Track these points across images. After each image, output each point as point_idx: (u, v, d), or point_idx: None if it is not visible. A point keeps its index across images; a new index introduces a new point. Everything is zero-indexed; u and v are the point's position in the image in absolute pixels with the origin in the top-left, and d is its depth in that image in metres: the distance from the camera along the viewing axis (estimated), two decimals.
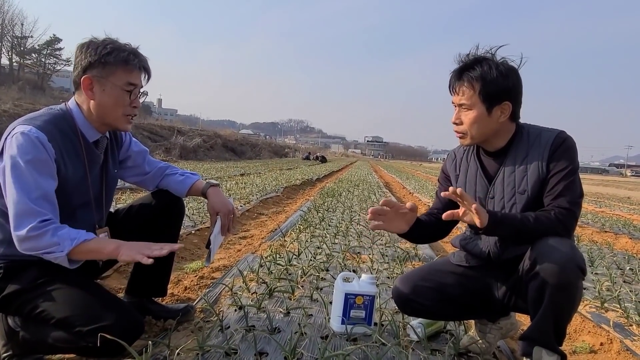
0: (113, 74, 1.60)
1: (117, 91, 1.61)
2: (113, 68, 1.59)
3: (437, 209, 1.87)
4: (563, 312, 1.48)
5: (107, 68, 1.59)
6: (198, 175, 2.04)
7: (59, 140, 1.56)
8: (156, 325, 1.97)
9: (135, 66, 1.63)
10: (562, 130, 1.62)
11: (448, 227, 1.84)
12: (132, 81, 1.63)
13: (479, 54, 1.65)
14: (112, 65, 1.59)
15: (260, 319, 2.07)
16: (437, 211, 1.86)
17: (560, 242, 1.46)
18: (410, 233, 1.70)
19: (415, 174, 26.19)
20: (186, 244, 3.90)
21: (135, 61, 1.62)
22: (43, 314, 1.50)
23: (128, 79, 1.62)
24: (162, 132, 26.45)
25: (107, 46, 1.59)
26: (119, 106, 1.63)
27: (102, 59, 1.57)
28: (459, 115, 1.65)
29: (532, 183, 1.58)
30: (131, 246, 1.52)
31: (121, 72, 1.60)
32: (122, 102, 1.63)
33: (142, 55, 1.68)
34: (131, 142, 1.96)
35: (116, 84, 1.61)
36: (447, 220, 1.55)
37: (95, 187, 1.73)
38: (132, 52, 1.63)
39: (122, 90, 1.62)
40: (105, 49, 1.58)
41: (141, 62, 1.65)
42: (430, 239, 1.94)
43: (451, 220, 1.83)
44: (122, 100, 1.63)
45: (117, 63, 1.59)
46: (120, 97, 1.62)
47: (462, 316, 1.92)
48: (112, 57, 1.58)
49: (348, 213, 5.93)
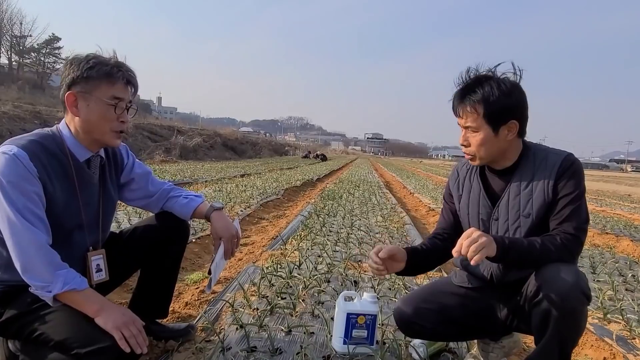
0: (97, 88, 1.57)
1: (101, 105, 1.58)
2: (96, 82, 1.57)
3: (442, 229, 1.86)
4: (568, 339, 1.48)
5: (91, 82, 1.56)
6: (202, 197, 2.02)
7: (45, 159, 1.53)
8: (157, 347, 1.96)
9: (119, 79, 1.60)
10: (570, 153, 1.61)
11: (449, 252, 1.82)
12: (117, 95, 1.60)
13: (479, 73, 1.63)
14: (95, 79, 1.56)
15: (261, 338, 2.06)
16: (442, 231, 1.85)
17: (565, 269, 1.45)
18: (407, 269, 1.70)
19: (415, 171, 26.18)
20: (187, 253, 3.86)
21: (119, 74, 1.59)
22: (41, 337, 1.49)
23: (112, 93, 1.59)
24: (162, 131, 26.40)
25: (89, 61, 1.57)
26: (105, 121, 1.60)
27: (85, 74, 1.55)
28: (466, 137, 1.63)
29: (537, 207, 1.57)
30: (112, 315, 1.49)
31: (105, 86, 1.58)
32: (107, 116, 1.60)
33: (127, 67, 1.64)
34: (134, 164, 1.94)
35: (100, 98, 1.58)
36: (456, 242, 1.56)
37: (91, 209, 1.71)
38: (116, 65, 1.60)
39: (106, 105, 1.59)
40: (87, 64, 1.56)
41: (125, 75, 1.62)
42: (436, 264, 1.87)
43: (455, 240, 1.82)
44: (108, 114, 1.60)
45: (100, 77, 1.56)
46: (106, 111, 1.59)
47: (465, 337, 1.92)
48: (94, 71, 1.56)
49: (349, 218, 5.92)
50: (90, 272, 1.73)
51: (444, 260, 1.83)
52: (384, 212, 6.76)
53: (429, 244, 1.81)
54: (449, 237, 1.83)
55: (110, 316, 1.48)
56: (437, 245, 1.80)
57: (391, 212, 6.85)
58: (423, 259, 1.75)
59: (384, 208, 7.24)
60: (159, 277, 1.99)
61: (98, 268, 1.76)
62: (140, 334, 1.49)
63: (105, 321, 1.46)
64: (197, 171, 13.43)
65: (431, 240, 1.84)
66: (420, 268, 1.83)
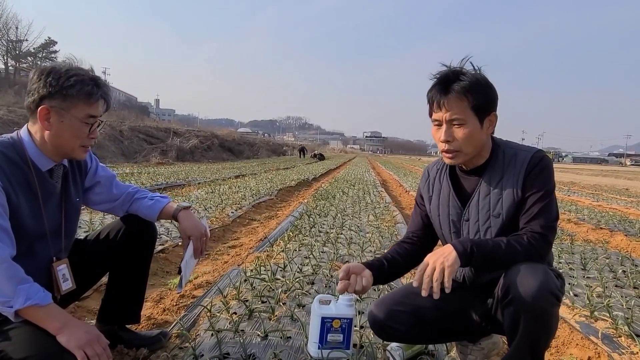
0: (74, 107, 1.54)
1: (76, 123, 1.56)
2: (75, 101, 1.54)
3: (412, 232, 1.83)
4: (539, 341, 1.43)
5: (68, 100, 1.53)
6: (168, 198, 1.99)
7: (6, 168, 1.50)
8: (128, 355, 1.91)
9: (97, 99, 1.58)
10: (539, 150, 1.56)
11: (423, 251, 1.77)
12: (92, 113, 1.58)
13: (455, 67, 1.58)
14: (74, 98, 1.53)
15: (236, 344, 2.01)
16: (412, 234, 1.82)
17: (533, 269, 1.40)
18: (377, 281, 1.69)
19: (413, 169, 26.14)
20: (172, 256, 3.85)
21: (98, 94, 1.58)
22: (1, 354, 1.45)
23: (88, 112, 1.57)
24: (159, 134, 26.36)
25: (70, 78, 1.53)
26: (76, 138, 1.59)
27: (64, 91, 1.52)
28: (450, 132, 1.54)
29: (507, 206, 1.52)
30: (76, 333, 1.44)
31: (83, 105, 1.55)
32: (80, 134, 1.58)
33: (103, 82, 1.62)
34: (97, 168, 1.90)
35: (76, 116, 1.55)
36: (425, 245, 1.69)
37: (54, 218, 1.68)
38: (95, 84, 1.58)
39: (81, 123, 1.57)
40: (68, 81, 1.52)
41: (102, 92, 1.60)
42: (405, 271, 1.82)
43: (426, 244, 1.78)
44: (81, 132, 1.58)
45: (79, 96, 1.54)
46: (79, 129, 1.57)
47: (441, 339, 1.87)
48: (74, 90, 1.53)
49: (340, 217, 5.87)
50: (57, 282, 1.69)
51: (413, 265, 1.78)
52: (377, 211, 6.71)
53: (395, 253, 1.77)
54: (418, 241, 1.80)
55: (73, 334, 1.43)
56: (405, 251, 1.77)
57: (384, 211, 6.81)
58: (389, 273, 1.73)
59: (377, 207, 7.19)
60: (127, 282, 1.95)
61: (64, 277, 1.72)
62: (104, 353, 1.46)
63: (67, 339, 1.42)
64: (191, 173, 13.39)
65: (400, 246, 1.80)
66: (388, 279, 1.80)
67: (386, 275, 1.73)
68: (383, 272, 1.70)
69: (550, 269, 1.48)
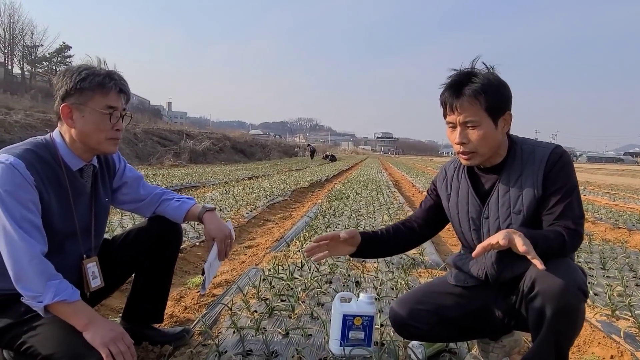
0: (91, 99, 1.58)
1: (96, 116, 1.59)
2: (90, 93, 1.57)
3: (416, 218, 1.88)
4: (564, 336, 1.42)
5: (84, 94, 1.57)
6: (194, 200, 2.02)
7: (39, 168, 1.54)
8: (153, 352, 1.94)
9: (112, 88, 1.61)
10: (557, 145, 1.56)
11: (420, 238, 1.87)
12: (111, 104, 1.61)
13: (467, 68, 1.58)
14: (89, 90, 1.57)
15: (258, 341, 2.03)
16: (414, 219, 1.88)
17: (560, 264, 1.40)
18: (360, 252, 1.75)
19: (425, 170, 26.01)
20: (190, 256, 3.89)
21: (111, 83, 1.60)
22: (30, 349, 1.49)
23: (106, 102, 1.60)
24: (172, 136, 26.61)
25: (81, 72, 1.57)
26: (100, 131, 1.62)
27: (78, 85, 1.56)
28: (465, 134, 1.55)
29: (527, 203, 1.52)
30: (101, 331, 1.47)
31: (98, 96, 1.59)
32: (103, 126, 1.61)
33: (118, 75, 1.65)
34: (125, 169, 1.94)
35: (95, 109, 1.59)
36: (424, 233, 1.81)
37: (84, 216, 1.72)
38: (108, 74, 1.61)
39: (101, 114, 1.60)
40: (79, 75, 1.56)
41: (117, 83, 1.63)
42: (393, 252, 1.94)
43: (425, 232, 1.88)
44: (103, 124, 1.61)
45: (93, 88, 1.57)
46: (101, 121, 1.61)
47: (462, 337, 1.87)
48: (87, 82, 1.56)
49: (355, 218, 5.89)
50: (87, 279, 1.73)
51: (403, 248, 1.90)
52: (391, 211, 6.70)
53: (391, 230, 1.83)
54: (417, 227, 1.85)
55: (98, 332, 1.47)
56: (399, 232, 1.83)
57: (398, 211, 6.80)
58: (375, 246, 1.80)
59: (391, 207, 7.18)
60: (153, 282, 1.98)
61: (94, 275, 1.76)
62: (128, 351, 1.48)
63: (93, 337, 1.45)
64: (205, 174, 13.49)
65: (396, 226, 1.85)
66: (372, 254, 1.90)
67: (373, 245, 1.78)
68: (371, 240, 1.77)
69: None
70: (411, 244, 1.89)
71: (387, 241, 1.80)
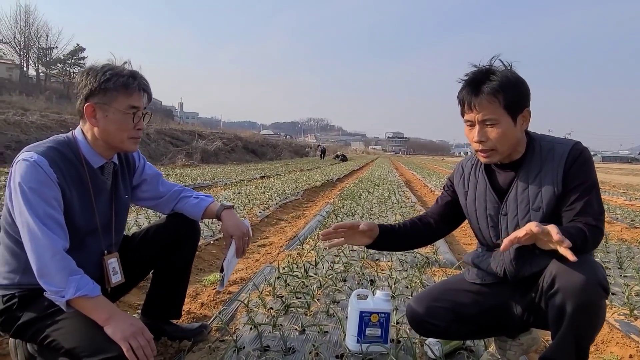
0: (115, 100, 1.61)
1: (119, 115, 1.62)
2: (114, 94, 1.60)
3: (431, 213, 1.89)
4: (585, 333, 1.41)
5: (108, 94, 1.60)
6: (212, 197, 2.04)
7: (62, 165, 1.57)
8: (171, 347, 1.97)
9: (135, 89, 1.63)
10: (578, 142, 1.55)
11: (437, 234, 1.88)
12: (134, 104, 1.64)
13: (485, 66, 1.58)
14: (113, 90, 1.59)
15: (275, 337, 2.05)
16: (431, 215, 1.88)
17: (582, 259, 1.39)
18: (376, 244, 1.76)
19: (437, 169, 25.88)
20: (205, 254, 3.93)
21: (134, 84, 1.63)
22: (53, 343, 1.52)
23: (129, 103, 1.63)
24: (184, 136, 26.82)
25: (106, 72, 1.60)
26: (123, 130, 1.64)
27: (102, 86, 1.58)
28: (483, 131, 1.55)
29: (547, 200, 1.52)
30: (121, 325, 1.49)
31: (122, 97, 1.61)
32: (125, 125, 1.64)
33: (141, 75, 1.68)
34: (145, 166, 1.97)
35: (118, 109, 1.61)
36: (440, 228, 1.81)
37: (105, 213, 1.75)
38: (131, 75, 1.63)
39: (124, 114, 1.63)
40: (104, 76, 1.59)
41: (140, 84, 1.65)
42: (408, 246, 1.97)
43: (442, 228, 1.87)
44: (126, 124, 1.64)
45: (117, 88, 1.60)
46: (124, 121, 1.63)
47: (480, 335, 1.87)
48: (111, 83, 1.59)
49: (367, 217, 5.88)
50: (108, 274, 1.76)
51: (418, 243, 1.93)
52: (404, 210, 6.69)
53: (408, 225, 1.85)
54: (434, 222, 1.85)
55: (119, 326, 1.49)
56: (416, 227, 1.84)
57: (410, 210, 6.78)
58: (392, 239, 1.81)
59: (404, 206, 7.16)
60: (172, 278, 2.01)
61: (114, 271, 1.79)
62: (148, 345, 1.50)
63: (113, 331, 1.48)
64: (217, 174, 13.57)
65: (413, 221, 1.86)
66: (388, 247, 1.91)
67: (390, 237, 1.80)
68: (389, 233, 1.78)
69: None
70: (427, 239, 1.90)
71: (404, 235, 1.82)
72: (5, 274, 1.61)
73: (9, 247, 1.60)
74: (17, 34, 42.89)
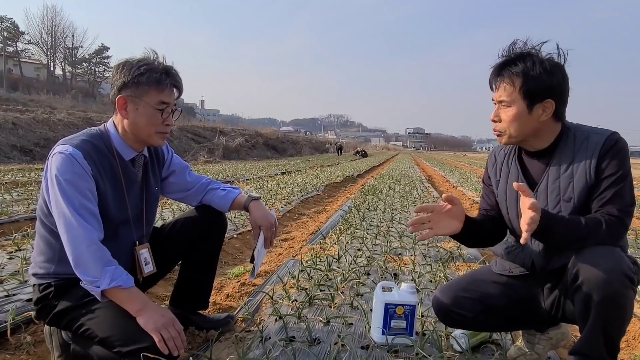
0: (146, 94, 1.64)
1: (149, 110, 1.65)
2: (146, 88, 1.63)
3: (485, 209, 1.83)
4: (612, 325, 1.37)
5: (140, 88, 1.63)
6: (239, 189, 2.07)
7: (96, 158, 1.62)
8: (199, 336, 2.01)
9: (167, 85, 1.66)
10: (614, 132, 1.51)
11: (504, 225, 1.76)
12: (164, 100, 1.67)
13: (523, 50, 1.56)
14: (145, 85, 1.63)
15: (300, 328, 2.07)
16: (485, 211, 1.82)
17: (604, 251, 1.36)
18: (465, 231, 1.62)
19: (459, 165, 25.57)
20: (229, 248, 3.98)
21: (167, 81, 1.66)
22: (87, 332, 1.57)
23: (160, 98, 1.66)
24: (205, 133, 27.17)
25: (140, 67, 1.63)
26: (151, 124, 1.68)
27: (136, 79, 1.62)
28: (498, 112, 1.58)
29: (578, 190, 1.49)
30: (153, 316, 1.52)
31: (154, 92, 1.64)
32: (154, 120, 1.67)
33: (174, 71, 1.70)
34: (172, 158, 2.01)
35: (149, 103, 1.65)
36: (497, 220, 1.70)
37: (136, 204, 1.79)
38: (165, 72, 1.66)
39: (154, 109, 1.66)
40: (138, 70, 1.62)
41: (173, 80, 1.68)
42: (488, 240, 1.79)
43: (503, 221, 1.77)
44: (155, 118, 1.67)
45: (149, 83, 1.63)
46: (153, 115, 1.66)
47: (507, 327, 1.85)
48: (145, 77, 1.62)
49: (389, 212, 5.86)
50: (140, 265, 1.80)
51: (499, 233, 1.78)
52: None
53: (480, 217, 1.78)
54: (496, 215, 1.77)
55: (151, 317, 1.52)
56: (486, 219, 1.77)
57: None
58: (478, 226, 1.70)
59: (426, 202, 7.11)
60: (199, 269, 2.04)
61: (146, 261, 1.83)
62: (178, 336, 1.53)
63: (145, 322, 1.51)
64: (239, 170, 13.71)
65: (480, 215, 1.81)
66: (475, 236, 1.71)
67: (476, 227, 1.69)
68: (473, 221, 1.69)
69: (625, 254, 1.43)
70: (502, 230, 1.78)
71: (484, 224, 1.74)
72: (41, 264, 1.66)
73: (44, 237, 1.66)
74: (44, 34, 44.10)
